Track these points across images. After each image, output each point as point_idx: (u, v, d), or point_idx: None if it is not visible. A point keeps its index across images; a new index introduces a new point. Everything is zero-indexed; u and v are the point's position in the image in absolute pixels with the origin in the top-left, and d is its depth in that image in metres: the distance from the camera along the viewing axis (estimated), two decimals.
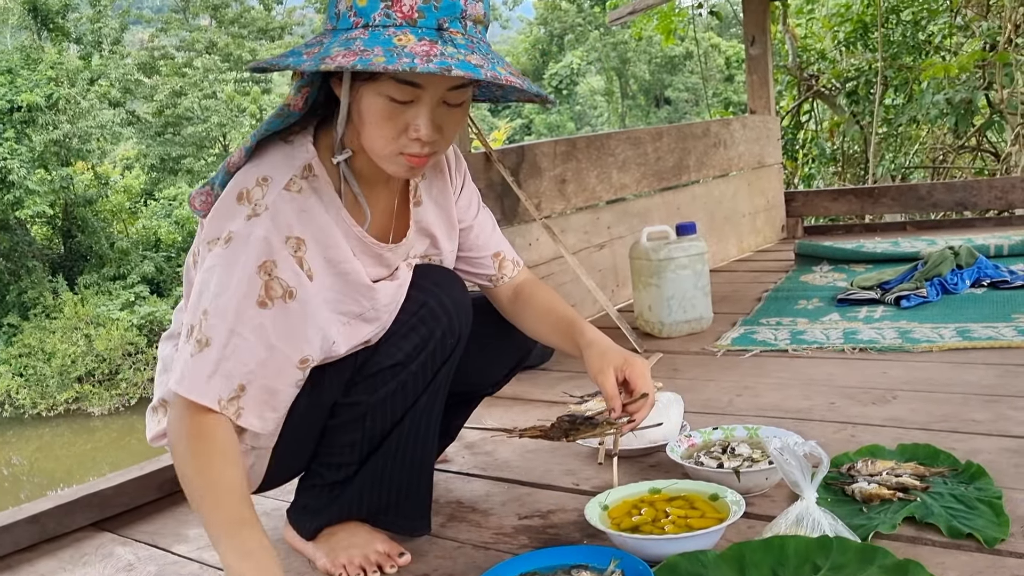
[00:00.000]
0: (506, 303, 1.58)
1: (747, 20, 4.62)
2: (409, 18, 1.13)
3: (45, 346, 15.79)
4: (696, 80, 23.74)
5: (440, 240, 1.47)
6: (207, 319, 1.19)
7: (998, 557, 1.25)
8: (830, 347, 2.47)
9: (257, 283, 1.19)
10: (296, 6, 25.99)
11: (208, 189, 1.28)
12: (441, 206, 1.47)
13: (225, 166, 1.27)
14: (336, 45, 1.13)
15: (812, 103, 7.30)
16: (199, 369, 1.19)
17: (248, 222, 1.21)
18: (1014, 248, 3.48)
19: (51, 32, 18.36)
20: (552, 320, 1.52)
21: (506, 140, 21.73)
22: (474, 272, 1.57)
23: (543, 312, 1.53)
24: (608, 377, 1.40)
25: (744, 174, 4.36)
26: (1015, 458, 1.59)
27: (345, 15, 1.16)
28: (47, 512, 1.70)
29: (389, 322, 1.36)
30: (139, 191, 19.96)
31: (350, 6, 1.15)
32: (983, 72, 6.13)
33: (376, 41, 1.11)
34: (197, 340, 1.19)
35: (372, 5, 1.14)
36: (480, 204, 1.57)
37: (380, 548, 1.42)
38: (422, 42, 1.11)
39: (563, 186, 3.09)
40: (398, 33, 1.12)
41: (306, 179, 1.25)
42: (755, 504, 1.49)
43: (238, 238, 1.20)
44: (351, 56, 1.09)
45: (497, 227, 1.60)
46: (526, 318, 1.56)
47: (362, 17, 1.14)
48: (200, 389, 1.19)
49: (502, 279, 1.57)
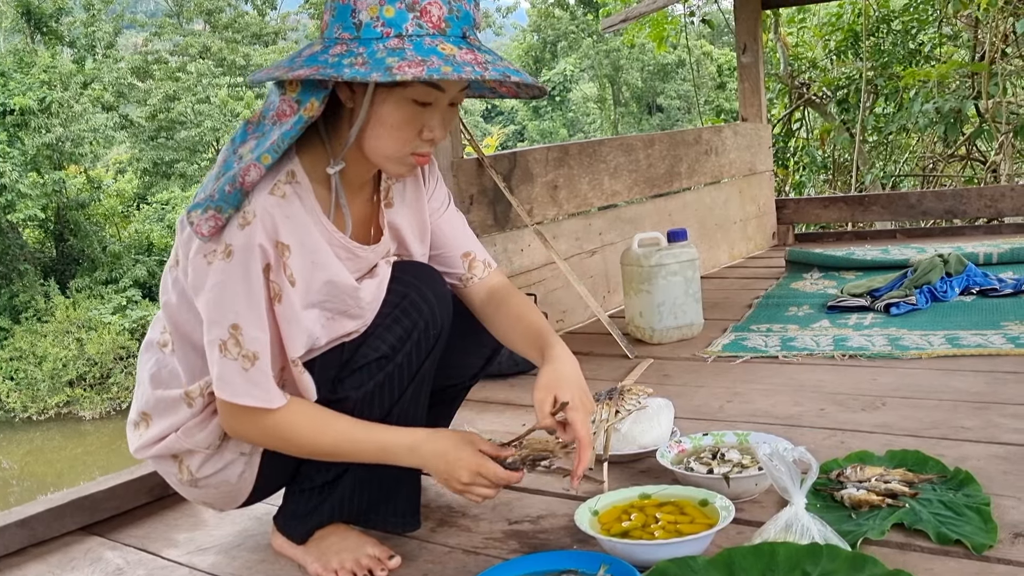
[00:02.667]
0: (478, 304, 1.57)
1: (739, 28, 4.65)
2: (439, 28, 1.18)
3: (36, 350, 15.73)
4: (688, 87, 23.80)
5: (410, 242, 1.49)
6: (242, 333, 1.24)
7: (986, 564, 1.26)
8: (820, 354, 2.48)
9: (265, 284, 1.25)
10: (290, 11, 25.98)
11: (214, 214, 1.22)
12: (413, 208, 1.50)
13: (239, 185, 1.21)
14: (389, 55, 1.14)
15: (803, 111, 7.34)
16: (259, 380, 1.26)
17: (243, 231, 1.22)
18: (1003, 256, 3.50)
19: (44, 35, 18.33)
20: (522, 327, 1.50)
21: (499, 146, 21.78)
22: (444, 271, 1.57)
23: (514, 318, 1.52)
24: (546, 403, 1.36)
25: (735, 181, 4.38)
26: (1003, 465, 1.60)
27: (369, 25, 1.18)
28: (36, 516, 1.70)
29: (371, 318, 1.39)
30: (132, 195, 19.92)
31: (375, 16, 1.17)
32: (972, 82, 6.18)
33: (427, 50, 1.15)
34: (244, 356, 1.24)
35: (401, 16, 1.17)
36: (451, 204, 1.59)
37: (370, 552, 1.42)
38: (463, 50, 1.17)
39: (555, 192, 3.10)
40: (435, 42, 1.16)
41: (289, 184, 1.27)
42: (745, 510, 1.50)
43: (239, 249, 1.22)
44: (417, 66, 1.12)
45: (468, 227, 1.61)
46: (497, 322, 1.54)
47: (392, 27, 1.17)
48: (270, 396, 1.27)
49: (472, 279, 1.56)
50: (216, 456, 1.38)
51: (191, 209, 1.24)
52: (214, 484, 1.41)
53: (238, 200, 1.22)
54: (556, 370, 1.38)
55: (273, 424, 1.29)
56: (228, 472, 1.39)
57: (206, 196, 1.23)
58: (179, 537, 1.68)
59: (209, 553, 1.59)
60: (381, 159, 1.29)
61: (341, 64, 1.15)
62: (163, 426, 1.38)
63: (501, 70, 1.17)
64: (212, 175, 1.27)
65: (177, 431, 1.37)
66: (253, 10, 24.00)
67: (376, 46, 1.16)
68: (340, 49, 1.18)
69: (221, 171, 1.25)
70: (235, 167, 1.23)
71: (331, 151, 1.31)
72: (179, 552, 1.61)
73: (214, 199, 1.22)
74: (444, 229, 1.55)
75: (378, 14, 1.17)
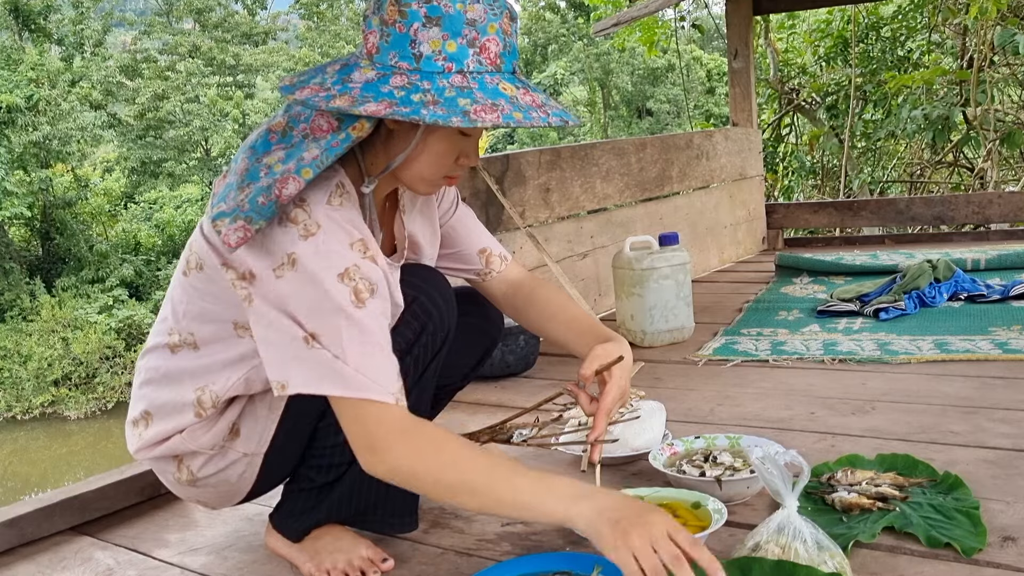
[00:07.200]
0: (500, 297, 1.62)
1: (730, 34, 4.67)
2: (495, 65, 1.20)
3: (21, 349, 15.64)
4: (678, 92, 23.87)
5: (423, 247, 1.52)
6: (321, 340, 1.17)
7: (976, 567, 1.27)
8: (810, 358, 2.50)
9: (345, 291, 1.19)
10: (280, 11, 25.93)
11: (244, 224, 1.18)
12: (425, 214, 1.52)
13: (275, 197, 1.17)
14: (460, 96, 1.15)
15: (792, 116, 7.38)
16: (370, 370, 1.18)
17: (307, 242, 1.19)
18: (991, 262, 3.53)
19: (32, 33, 18.24)
20: (567, 320, 1.56)
21: (488, 148, 21.76)
22: (462, 268, 1.62)
23: (554, 311, 1.58)
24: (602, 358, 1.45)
25: (726, 186, 4.39)
26: (992, 469, 1.61)
27: (430, 58, 1.17)
28: (26, 516, 1.68)
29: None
30: (119, 194, 19.84)
31: (438, 50, 1.17)
32: (960, 89, 6.23)
33: (492, 91, 1.17)
34: (335, 356, 1.17)
35: (462, 52, 1.18)
36: (460, 202, 1.62)
37: (364, 553, 1.42)
38: (520, 90, 1.20)
39: (547, 195, 3.10)
40: (495, 80, 1.19)
41: (341, 196, 1.25)
42: (737, 512, 1.51)
43: (305, 257, 1.18)
44: (490, 111, 1.14)
45: (479, 223, 1.65)
46: (532, 316, 1.59)
47: (454, 63, 1.17)
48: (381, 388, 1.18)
49: (491, 274, 1.61)
50: (219, 456, 1.38)
51: (216, 217, 1.20)
52: (213, 484, 1.40)
53: (272, 212, 1.18)
54: (621, 346, 1.47)
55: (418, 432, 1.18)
56: (229, 472, 1.39)
57: (234, 205, 1.19)
58: (170, 537, 1.67)
59: (200, 553, 1.58)
60: (415, 181, 1.32)
61: (411, 100, 1.14)
62: (166, 427, 1.37)
63: (559, 114, 1.20)
64: (232, 183, 1.22)
65: (181, 432, 1.36)
66: (243, 10, 23.94)
67: (441, 82, 1.16)
68: (402, 81, 1.17)
69: (244, 180, 1.21)
70: (263, 178, 1.19)
71: (365, 169, 1.31)
72: (170, 552, 1.60)
73: (244, 209, 1.18)
74: (458, 228, 1.59)
75: (440, 48, 1.17)
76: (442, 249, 1.58)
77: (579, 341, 1.52)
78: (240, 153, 1.27)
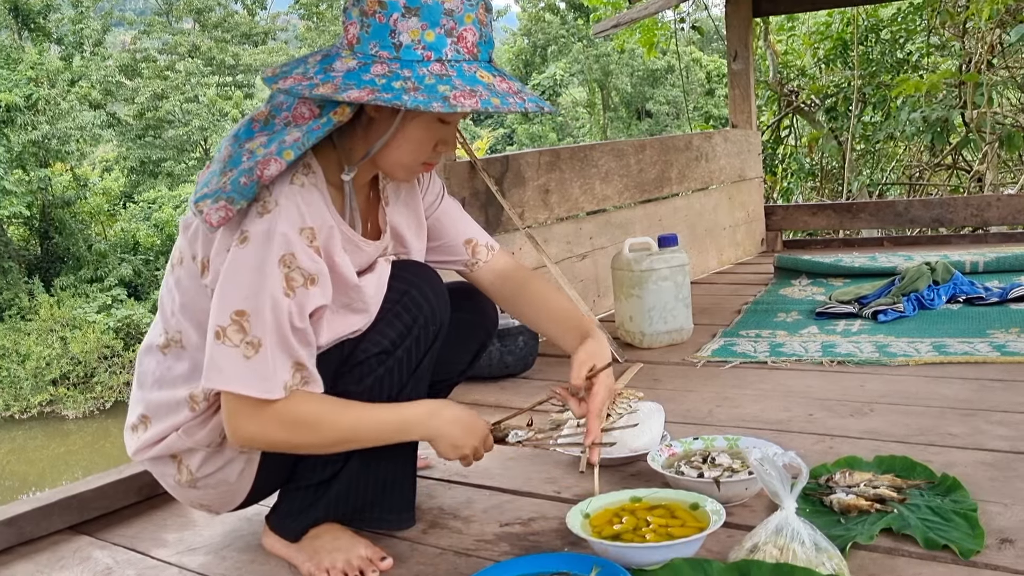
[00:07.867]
0: (487, 286, 1.64)
1: (730, 36, 4.67)
2: (472, 53, 1.24)
3: (19, 348, 15.62)
4: (677, 93, 23.88)
5: (408, 239, 1.53)
6: (249, 320, 1.22)
7: (974, 569, 1.27)
8: (809, 360, 2.50)
9: (279, 276, 1.23)
10: (280, 11, 25.94)
11: (225, 204, 1.22)
12: (410, 206, 1.54)
13: (257, 178, 1.22)
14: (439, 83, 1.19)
15: (792, 118, 7.38)
16: (260, 370, 1.23)
17: (261, 219, 1.24)
18: (989, 265, 3.53)
19: (32, 32, 18.24)
20: (551, 311, 1.60)
21: (488, 150, 21.77)
22: (449, 259, 1.63)
23: (540, 302, 1.61)
24: (586, 365, 1.49)
25: (725, 187, 4.40)
26: (990, 471, 1.61)
27: (410, 47, 1.22)
28: (24, 515, 1.68)
29: (375, 313, 1.40)
30: (118, 193, 19.82)
31: (417, 39, 1.21)
32: (959, 91, 6.23)
33: (469, 78, 1.21)
34: (248, 343, 1.22)
35: (441, 41, 1.22)
36: (445, 195, 1.63)
37: (362, 553, 1.42)
38: (497, 78, 1.24)
39: (546, 196, 3.10)
40: (472, 68, 1.23)
41: (306, 175, 1.30)
42: (735, 514, 1.51)
43: (255, 236, 1.23)
44: (469, 97, 1.18)
45: (465, 214, 1.66)
46: (519, 306, 1.63)
47: (433, 51, 1.22)
48: (269, 387, 1.24)
49: (477, 263, 1.63)
50: (217, 454, 1.38)
51: (199, 199, 1.24)
52: (213, 484, 1.41)
53: (253, 192, 1.23)
54: (601, 345, 1.52)
55: (275, 415, 1.25)
56: (228, 470, 1.39)
57: (216, 188, 1.23)
58: (169, 537, 1.67)
59: (199, 553, 1.58)
60: (394, 167, 1.35)
61: (392, 87, 1.19)
62: (163, 427, 1.38)
63: (534, 100, 1.25)
64: (215, 170, 1.27)
65: (178, 430, 1.37)
66: (243, 10, 23.94)
67: (420, 70, 1.21)
68: (382, 69, 1.21)
69: (227, 165, 1.25)
70: (245, 161, 1.24)
71: (345, 157, 1.35)
72: (169, 552, 1.60)
73: (226, 190, 1.22)
74: (443, 220, 1.60)
75: (419, 37, 1.22)
76: (429, 241, 1.60)
77: (564, 337, 1.57)
78: (224, 142, 1.31)
